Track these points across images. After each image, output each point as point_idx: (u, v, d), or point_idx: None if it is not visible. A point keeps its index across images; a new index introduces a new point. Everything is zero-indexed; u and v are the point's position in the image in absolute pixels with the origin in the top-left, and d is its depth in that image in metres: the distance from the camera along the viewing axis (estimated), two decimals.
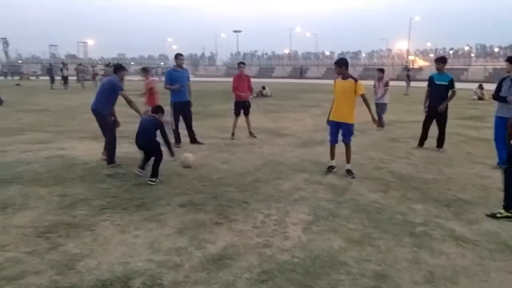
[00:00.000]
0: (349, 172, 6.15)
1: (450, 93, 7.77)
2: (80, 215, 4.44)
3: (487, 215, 4.52)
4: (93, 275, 3.19)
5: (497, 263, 3.46)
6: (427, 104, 7.98)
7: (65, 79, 29.31)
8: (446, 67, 8.08)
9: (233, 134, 9.30)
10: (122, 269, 3.29)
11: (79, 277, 3.17)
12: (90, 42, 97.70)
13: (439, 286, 3.08)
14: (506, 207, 4.47)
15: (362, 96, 6.07)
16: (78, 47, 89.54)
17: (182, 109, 8.33)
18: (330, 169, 6.24)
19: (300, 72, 64.41)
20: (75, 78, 32.75)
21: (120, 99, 6.71)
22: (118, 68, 6.83)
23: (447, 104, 7.73)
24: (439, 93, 7.78)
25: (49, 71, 29.71)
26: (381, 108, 10.72)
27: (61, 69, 30.54)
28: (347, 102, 6.04)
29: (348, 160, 6.22)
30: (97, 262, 3.41)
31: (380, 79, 10.93)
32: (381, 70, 11.30)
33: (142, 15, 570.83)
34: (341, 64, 6.06)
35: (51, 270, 3.27)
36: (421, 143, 8.18)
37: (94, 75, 31.30)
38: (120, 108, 7.23)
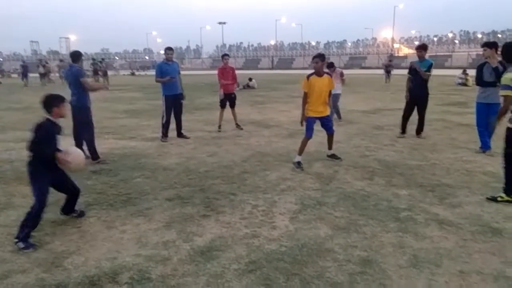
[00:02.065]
0: (334, 156, 6.39)
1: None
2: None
3: (488, 199, 4.59)
4: (80, 272, 3.18)
5: (479, 244, 3.54)
6: (408, 92, 8.03)
7: (42, 76, 28.82)
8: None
9: (219, 126, 9.29)
10: (109, 264, 3.29)
11: (66, 274, 3.16)
12: (73, 37, 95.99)
13: (423, 269, 3.15)
14: (507, 192, 4.52)
15: (330, 90, 6.14)
16: (60, 43, 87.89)
17: (174, 102, 8.25)
18: (301, 165, 5.98)
19: (271, 63, 64.03)
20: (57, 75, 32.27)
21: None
22: (77, 56, 6.56)
23: (428, 92, 7.84)
24: (420, 80, 7.82)
25: (24, 68, 29.16)
26: (336, 98, 10.54)
27: (38, 66, 29.98)
28: (324, 97, 6.06)
29: (331, 147, 6.46)
30: (84, 258, 3.39)
31: (332, 71, 10.46)
32: (332, 65, 10.81)
33: (125, 8, 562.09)
34: (324, 59, 6.06)
35: (38, 268, 3.25)
36: (403, 130, 8.18)
37: (46, 73, 30.31)
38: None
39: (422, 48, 8.07)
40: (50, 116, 3.77)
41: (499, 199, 4.53)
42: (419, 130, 8.07)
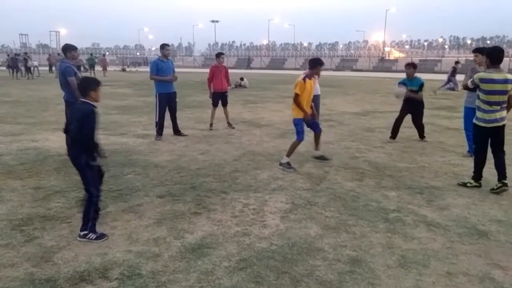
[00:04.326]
0: (323, 157, 6.47)
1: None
2: (56, 208, 4.38)
3: (459, 184, 5.28)
4: (70, 267, 3.17)
5: (466, 246, 3.62)
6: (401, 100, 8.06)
7: (28, 69, 28.43)
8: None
9: (211, 125, 9.28)
10: (99, 260, 3.28)
11: (55, 269, 3.14)
12: (63, 31, 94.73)
13: (411, 269, 3.20)
14: (474, 178, 5.21)
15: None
16: (50, 37, 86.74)
17: (169, 100, 8.16)
18: (291, 165, 5.98)
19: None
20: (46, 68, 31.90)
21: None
22: (67, 49, 6.40)
23: (423, 106, 7.99)
24: (411, 98, 7.84)
25: (14, 61, 28.72)
26: (318, 100, 10.63)
27: (25, 59, 29.56)
28: (310, 99, 6.17)
29: (318, 147, 6.55)
30: (74, 254, 3.38)
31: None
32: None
33: (117, 3, 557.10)
34: (322, 65, 6.13)
35: (27, 262, 3.23)
36: (393, 136, 8.15)
37: (30, 67, 29.71)
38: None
39: (411, 65, 8.01)
40: (86, 99, 3.65)
41: (468, 184, 5.21)
42: (421, 135, 8.15)
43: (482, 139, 5.11)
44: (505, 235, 3.83)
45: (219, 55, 9.43)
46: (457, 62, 22.68)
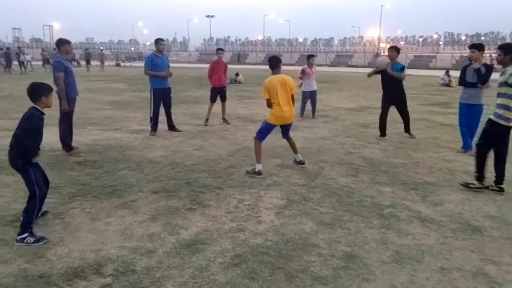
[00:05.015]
0: (301, 162, 5.97)
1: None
2: (49, 203, 4.32)
3: (461, 184, 5.05)
4: (64, 263, 3.14)
5: (460, 242, 3.64)
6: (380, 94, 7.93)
7: (21, 64, 28.16)
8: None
9: (207, 120, 9.25)
10: (94, 256, 3.26)
11: (49, 265, 3.12)
12: (56, 25, 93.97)
13: (405, 265, 3.22)
14: (478, 179, 4.95)
15: None
16: (44, 31, 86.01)
17: (163, 96, 8.11)
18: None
19: (238, 58, 63.57)
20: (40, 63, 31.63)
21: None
22: (60, 44, 6.34)
23: (405, 94, 7.73)
24: (392, 83, 7.64)
25: (6, 55, 28.39)
26: (316, 95, 10.57)
27: (17, 54, 29.24)
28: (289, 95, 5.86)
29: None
30: (68, 250, 3.36)
31: (311, 65, 10.45)
32: (314, 56, 10.86)
33: None
34: None
35: (20, 258, 3.20)
36: (383, 133, 8.05)
37: (22, 62, 29.33)
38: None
39: (394, 48, 7.86)
40: (37, 106, 3.64)
41: (471, 185, 4.97)
42: (407, 128, 7.99)
43: (499, 139, 4.87)
44: (498, 231, 3.86)
45: (218, 50, 9.42)
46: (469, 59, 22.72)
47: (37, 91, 3.63)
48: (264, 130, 5.70)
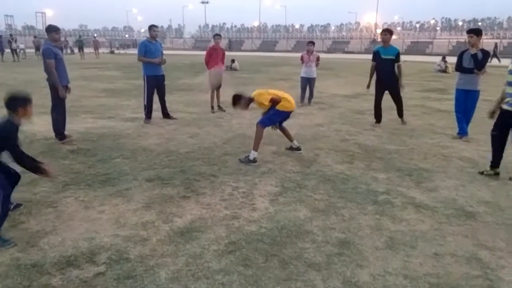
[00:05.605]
0: (298, 148, 6.01)
1: (396, 67, 7.58)
2: (42, 192, 4.31)
3: (479, 173, 5.06)
4: (57, 252, 3.13)
5: (454, 227, 3.65)
6: (374, 80, 7.83)
7: (14, 51, 27.80)
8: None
9: (212, 107, 9.23)
10: (87, 245, 3.24)
11: (42, 254, 3.10)
12: (49, 12, 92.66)
13: (399, 251, 3.22)
14: (492, 166, 5.02)
15: None
16: (37, 18, 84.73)
17: (157, 83, 8.03)
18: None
19: (229, 45, 62.92)
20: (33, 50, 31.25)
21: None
22: (48, 31, 6.23)
23: (398, 78, 7.61)
24: (386, 68, 7.56)
25: None
26: (314, 83, 10.62)
27: (9, 42, 28.82)
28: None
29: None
30: (61, 238, 3.34)
31: (310, 52, 10.49)
32: (312, 43, 10.81)
33: None
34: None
35: (13, 247, 3.18)
36: (378, 120, 7.99)
37: (15, 49, 28.86)
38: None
39: (387, 31, 7.74)
40: (11, 118, 3.43)
41: (485, 172, 5.03)
42: (400, 113, 7.94)
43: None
44: (492, 216, 3.87)
45: (215, 36, 9.34)
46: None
47: (12, 102, 3.43)
48: (275, 118, 5.72)
